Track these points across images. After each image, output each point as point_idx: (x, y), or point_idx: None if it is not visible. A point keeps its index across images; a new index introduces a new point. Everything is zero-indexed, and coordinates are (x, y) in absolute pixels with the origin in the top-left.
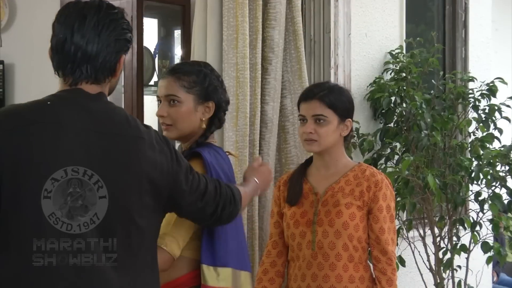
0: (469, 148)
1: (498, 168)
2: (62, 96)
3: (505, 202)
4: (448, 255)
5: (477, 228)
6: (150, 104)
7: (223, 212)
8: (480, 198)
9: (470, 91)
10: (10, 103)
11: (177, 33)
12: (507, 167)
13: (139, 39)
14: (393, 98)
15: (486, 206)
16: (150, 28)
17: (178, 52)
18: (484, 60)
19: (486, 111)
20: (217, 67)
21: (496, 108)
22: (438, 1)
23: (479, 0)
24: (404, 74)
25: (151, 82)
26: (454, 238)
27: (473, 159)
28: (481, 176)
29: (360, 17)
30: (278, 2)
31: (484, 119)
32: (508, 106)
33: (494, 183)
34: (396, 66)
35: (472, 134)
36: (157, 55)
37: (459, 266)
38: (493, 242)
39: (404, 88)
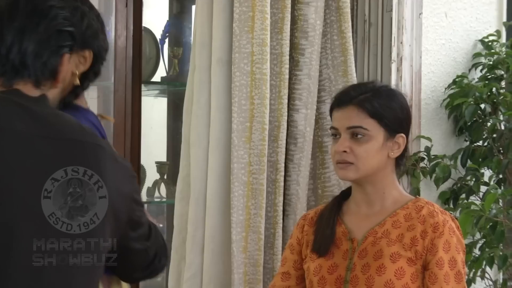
0: None
1: None
2: None
3: None
4: None
5: None
6: (152, 108)
7: (159, 264)
8: None
9: None
10: None
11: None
12: None
13: (136, 16)
14: (482, 106)
15: None
16: (157, 2)
17: None
18: None
19: None
20: (226, 57)
21: None
22: None
23: None
24: (500, 72)
25: (155, 78)
26: None
27: None
28: None
29: None
30: None
31: None
32: None
33: None
34: (490, 60)
35: None
36: (166, 41)
37: None
38: None
39: (499, 91)
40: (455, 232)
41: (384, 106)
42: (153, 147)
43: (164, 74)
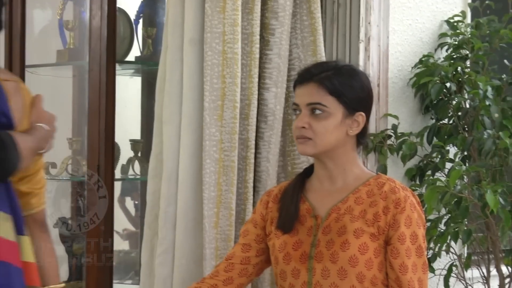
0: None
1: None
2: None
3: None
4: None
5: None
6: (126, 87)
7: None
8: None
9: None
10: None
11: None
12: None
13: None
14: (448, 85)
15: None
16: None
17: None
18: None
19: None
20: (198, 37)
21: None
22: None
23: None
24: (465, 52)
25: (129, 57)
26: None
27: None
28: None
29: None
30: None
31: None
32: None
33: None
34: (455, 40)
35: None
36: (140, 21)
37: None
38: None
39: (464, 70)
40: (416, 207)
41: (344, 84)
42: (127, 125)
43: (138, 54)
